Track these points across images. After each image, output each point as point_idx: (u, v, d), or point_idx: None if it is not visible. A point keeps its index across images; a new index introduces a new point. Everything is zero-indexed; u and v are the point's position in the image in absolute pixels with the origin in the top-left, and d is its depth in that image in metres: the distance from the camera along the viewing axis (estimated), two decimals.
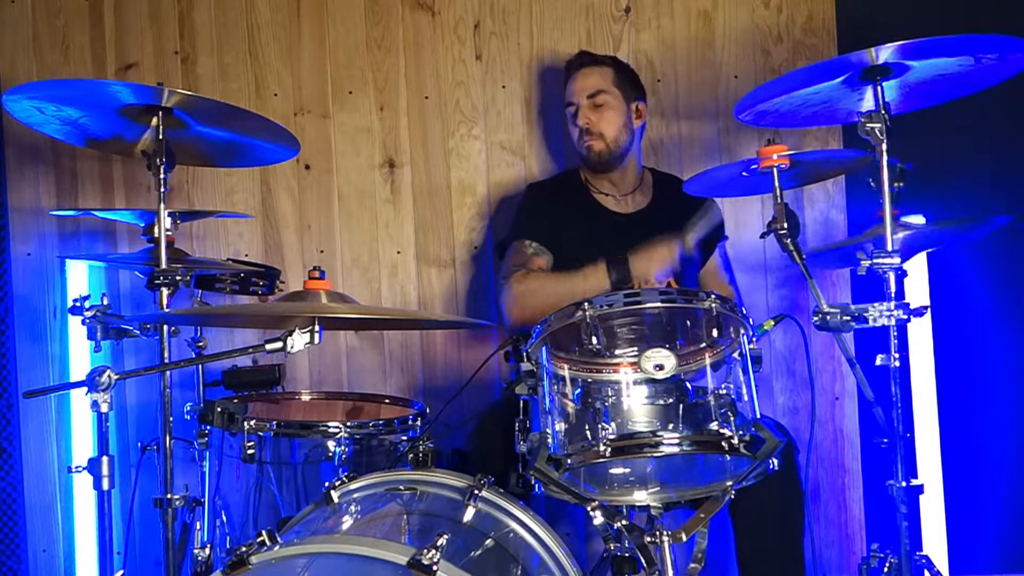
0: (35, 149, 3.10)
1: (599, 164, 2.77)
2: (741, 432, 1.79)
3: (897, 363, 2.07)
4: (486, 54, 3.15)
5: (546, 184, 2.97)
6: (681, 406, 1.82)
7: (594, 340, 1.82)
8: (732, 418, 1.81)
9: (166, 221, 2.22)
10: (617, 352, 1.85)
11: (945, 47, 2.02)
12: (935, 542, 2.86)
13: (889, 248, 2.06)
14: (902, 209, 2.14)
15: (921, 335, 2.88)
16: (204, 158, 2.52)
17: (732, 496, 1.84)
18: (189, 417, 2.35)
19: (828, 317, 2.03)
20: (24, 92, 2.12)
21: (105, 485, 1.94)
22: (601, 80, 2.78)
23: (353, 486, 1.89)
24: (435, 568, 1.45)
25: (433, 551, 1.46)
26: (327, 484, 1.85)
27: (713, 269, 2.87)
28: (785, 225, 2.05)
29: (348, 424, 2.21)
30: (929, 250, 2.64)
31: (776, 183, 2.06)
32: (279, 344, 1.86)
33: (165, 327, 2.24)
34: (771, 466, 1.81)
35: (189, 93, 2.17)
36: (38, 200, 3.11)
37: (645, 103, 2.85)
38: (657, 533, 1.76)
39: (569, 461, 1.81)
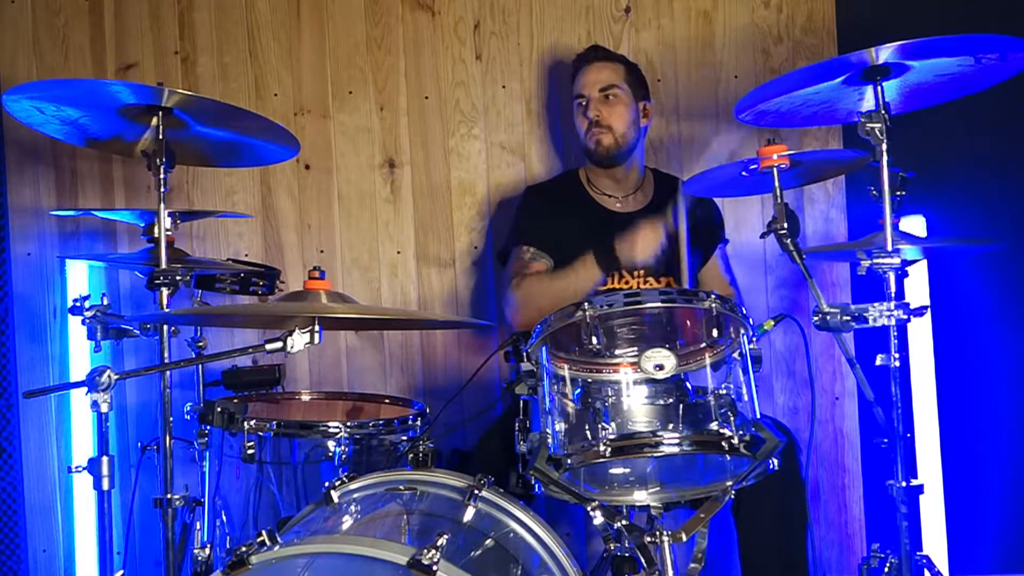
0: (35, 149, 3.09)
1: (605, 158, 2.77)
2: (741, 432, 1.79)
3: (897, 363, 2.07)
4: (486, 54, 3.15)
5: (545, 186, 2.97)
6: (681, 406, 1.82)
7: (594, 340, 1.82)
8: (732, 418, 1.81)
9: (166, 221, 2.22)
10: (617, 352, 1.85)
11: (945, 47, 2.02)
12: (935, 542, 2.86)
13: (889, 248, 2.06)
14: (902, 210, 2.14)
15: (921, 335, 2.89)
16: (204, 158, 2.52)
17: (732, 496, 1.84)
18: (189, 417, 2.35)
19: (828, 317, 2.03)
20: (24, 92, 2.12)
21: (105, 485, 1.94)
22: (613, 75, 2.78)
23: (353, 486, 1.89)
24: (435, 568, 1.45)
25: (433, 551, 1.46)
26: (327, 484, 1.85)
27: (714, 271, 2.87)
28: (785, 225, 2.05)
29: (348, 424, 2.21)
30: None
31: (776, 183, 2.06)
32: (279, 344, 1.86)
33: (165, 327, 2.24)
34: (771, 466, 1.81)
35: (189, 93, 2.17)
36: (38, 200, 3.10)
37: (651, 104, 2.87)
38: (657, 533, 1.76)
39: (569, 461, 1.81)
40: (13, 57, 3.11)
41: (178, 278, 2.24)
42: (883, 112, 2.06)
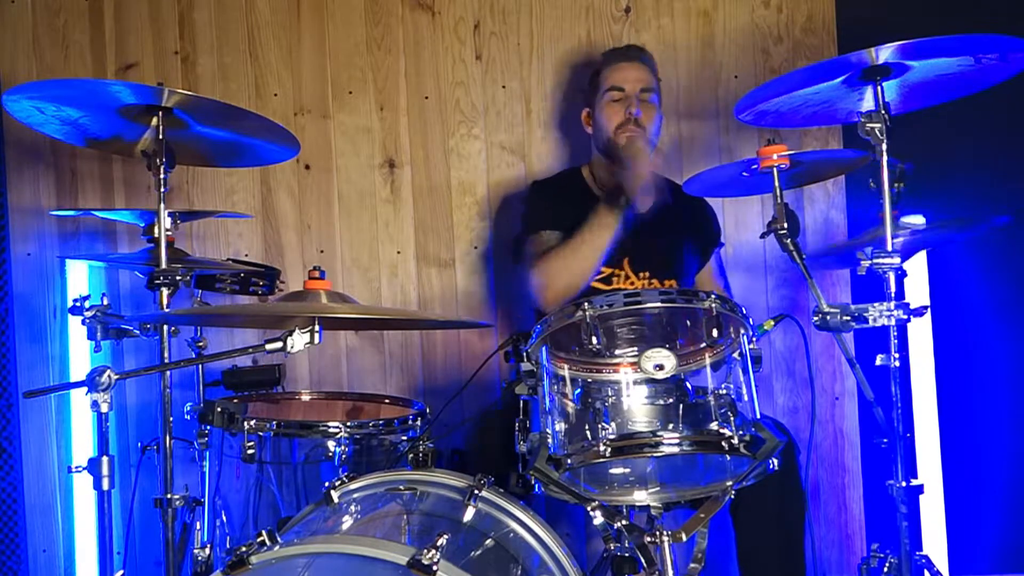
0: (35, 149, 3.10)
1: (628, 157, 2.74)
2: (741, 432, 1.79)
3: (897, 363, 2.06)
4: (486, 54, 3.15)
5: (550, 181, 2.95)
6: (681, 406, 1.82)
7: (594, 340, 1.82)
8: (732, 418, 1.81)
9: (166, 221, 2.22)
10: (617, 352, 1.85)
11: (945, 47, 2.02)
12: (935, 542, 2.86)
13: (889, 248, 2.06)
14: (902, 209, 2.14)
15: (921, 335, 2.88)
16: (204, 158, 2.52)
17: (732, 496, 1.84)
18: (189, 417, 2.35)
19: (828, 317, 2.02)
20: (24, 92, 2.12)
21: (105, 485, 1.94)
22: (650, 80, 2.77)
23: (353, 486, 1.89)
24: (435, 568, 1.45)
25: (433, 551, 1.46)
26: (327, 484, 1.85)
27: (708, 274, 2.86)
28: (785, 225, 2.05)
29: (348, 424, 2.21)
30: (928, 249, 2.64)
31: (776, 183, 2.06)
32: (279, 344, 1.86)
33: (165, 327, 2.24)
34: (771, 466, 1.81)
35: (189, 93, 2.16)
36: (38, 200, 3.11)
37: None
38: (657, 533, 1.76)
39: (569, 461, 1.81)
40: (13, 57, 3.11)
41: (178, 278, 2.24)
42: (883, 112, 2.06)
